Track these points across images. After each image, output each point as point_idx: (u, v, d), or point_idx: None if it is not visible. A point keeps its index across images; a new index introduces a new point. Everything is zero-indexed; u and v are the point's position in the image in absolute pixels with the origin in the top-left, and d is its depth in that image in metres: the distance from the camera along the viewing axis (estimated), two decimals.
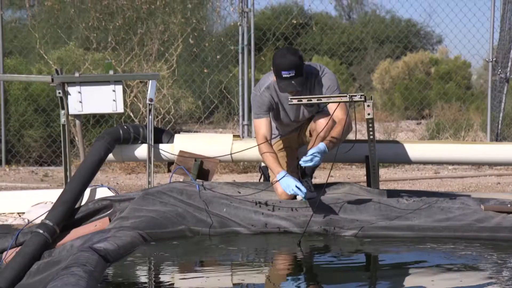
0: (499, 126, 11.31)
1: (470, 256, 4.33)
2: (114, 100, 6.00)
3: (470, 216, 5.01)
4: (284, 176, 4.97)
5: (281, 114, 5.36)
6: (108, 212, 5.28)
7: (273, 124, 5.44)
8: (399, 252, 4.63)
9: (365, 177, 5.79)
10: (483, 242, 4.69)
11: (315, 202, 5.07)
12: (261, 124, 5.23)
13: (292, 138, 5.54)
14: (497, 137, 11.26)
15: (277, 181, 5.20)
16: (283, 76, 5.01)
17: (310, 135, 5.32)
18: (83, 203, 5.56)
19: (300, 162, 4.94)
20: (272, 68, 5.15)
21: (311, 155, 4.87)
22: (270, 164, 5.16)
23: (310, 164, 4.89)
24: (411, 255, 4.57)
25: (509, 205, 5.14)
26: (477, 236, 4.78)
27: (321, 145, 4.92)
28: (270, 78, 5.27)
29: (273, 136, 5.45)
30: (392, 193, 5.42)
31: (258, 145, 5.22)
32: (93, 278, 3.43)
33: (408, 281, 3.97)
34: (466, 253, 4.39)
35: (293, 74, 5.00)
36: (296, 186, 4.91)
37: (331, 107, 5.11)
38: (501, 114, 11.35)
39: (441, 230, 4.84)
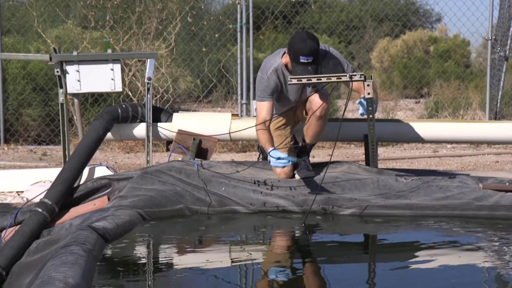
0: (498, 104, 11.31)
1: (468, 234, 4.34)
2: (112, 79, 5.99)
3: (469, 194, 5.02)
4: (271, 151, 4.93)
5: (284, 96, 5.33)
6: (107, 191, 5.28)
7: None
8: (398, 230, 4.64)
9: (364, 156, 5.79)
10: (481, 220, 4.70)
11: (313, 181, 5.08)
12: (264, 107, 5.19)
13: (288, 117, 5.52)
14: (496, 116, 11.26)
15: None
16: (301, 61, 4.95)
17: (307, 113, 5.30)
18: (81, 182, 5.56)
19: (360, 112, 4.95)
20: (288, 51, 5.07)
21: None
22: (262, 142, 5.14)
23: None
24: (409, 233, 4.58)
25: (507, 184, 5.14)
26: (476, 215, 4.79)
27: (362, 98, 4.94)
28: (277, 60, 5.21)
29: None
30: (391, 172, 5.43)
31: (256, 126, 5.20)
32: (92, 256, 3.44)
33: (407, 258, 3.97)
34: (464, 231, 4.40)
35: (311, 60, 4.95)
36: (282, 163, 4.88)
37: (358, 86, 5.06)
38: (500, 93, 11.34)
39: (439, 208, 4.85)
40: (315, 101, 5.13)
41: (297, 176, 5.21)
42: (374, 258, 4.15)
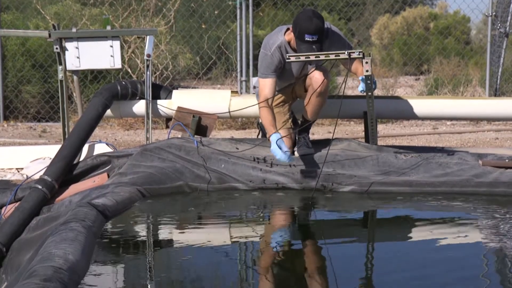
0: (498, 81, 11.30)
1: (467, 210, 4.35)
2: (111, 56, 5.97)
3: (468, 171, 5.02)
4: (277, 140, 4.90)
5: (286, 74, 5.32)
6: (107, 168, 5.28)
7: None
8: (397, 206, 4.65)
9: (363, 133, 5.79)
10: (481, 197, 4.71)
11: (312, 158, 5.09)
12: (266, 84, 5.16)
13: (287, 94, 5.51)
14: (496, 92, 11.25)
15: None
16: (306, 39, 4.92)
17: (306, 90, 5.29)
18: (81, 159, 5.56)
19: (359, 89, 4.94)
20: (293, 29, 5.04)
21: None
22: (265, 124, 5.13)
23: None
24: (409, 210, 4.59)
25: (507, 160, 5.14)
26: (475, 191, 4.80)
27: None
28: (280, 37, 5.19)
29: None
30: (390, 149, 5.43)
31: (259, 104, 5.18)
32: (91, 233, 3.45)
33: (406, 234, 3.99)
34: (463, 207, 4.41)
35: (316, 39, 4.92)
36: (284, 153, 4.84)
37: (355, 67, 5.06)
38: (500, 69, 11.32)
39: (439, 185, 4.85)
40: (315, 77, 5.12)
41: (296, 154, 5.21)
42: (373, 234, 4.16)
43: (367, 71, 4.91)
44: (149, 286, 3.01)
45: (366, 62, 4.88)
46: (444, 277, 3.10)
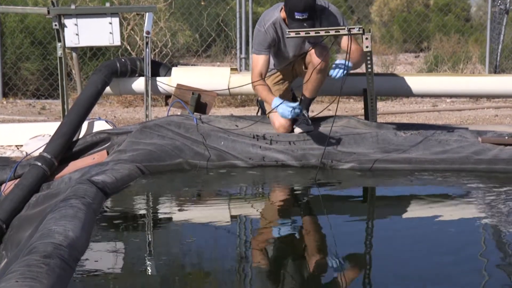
0: (498, 58, 11.27)
1: (466, 187, 4.35)
2: (110, 33, 5.96)
3: (468, 148, 5.02)
4: (279, 104, 4.93)
5: (282, 51, 5.31)
6: (106, 145, 5.28)
7: (271, 61, 5.38)
8: (397, 184, 4.66)
9: (363, 110, 5.78)
10: (480, 174, 4.71)
11: (312, 135, 5.09)
12: (259, 61, 5.18)
13: (286, 71, 5.50)
14: (496, 69, 11.23)
15: (274, 112, 5.19)
16: (296, 17, 4.90)
17: (306, 67, 5.28)
18: (80, 136, 5.56)
19: (330, 73, 4.89)
20: (284, 7, 5.02)
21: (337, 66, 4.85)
22: (263, 96, 5.14)
23: (337, 74, 4.84)
24: (408, 187, 4.59)
25: (506, 137, 5.14)
26: (474, 168, 4.80)
27: (343, 61, 4.88)
28: (275, 14, 5.17)
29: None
30: (390, 126, 5.42)
31: (252, 81, 5.19)
32: (91, 210, 3.45)
33: (405, 211, 4.00)
34: (463, 184, 4.42)
35: (306, 17, 4.90)
36: (292, 108, 4.88)
37: (343, 42, 5.04)
38: (500, 46, 11.29)
39: (438, 162, 4.85)
40: (315, 55, 5.10)
41: (296, 131, 5.20)
42: (373, 211, 4.17)
43: (367, 47, 4.90)
44: (148, 263, 3.02)
45: (366, 38, 4.87)
46: (441, 252, 3.11)
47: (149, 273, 2.89)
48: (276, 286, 2.74)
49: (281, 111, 4.93)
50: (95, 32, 5.96)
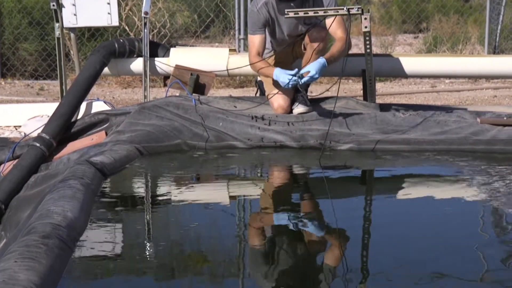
0: (497, 38, 11.26)
1: (465, 168, 4.35)
2: (109, 13, 5.94)
3: (466, 129, 5.02)
4: (279, 73, 4.95)
5: (277, 31, 5.30)
6: (104, 126, 5.28)
7: (268, 39, 5.38)
8: (395, 165, 4.66)
9: (362, 91, 5.78)
10: (478, 154, 4.71)
11: (310, 116, 5.09)
12: (255, 41, 5.20)
13: (286, 53, 5.49)
14: (495, 50, 11.22)
15: (273, 96, 5.19)
16: None
17: (305, 48, 5.27)
18: (79, 117, 5.56)
19: (300, 79, 4.89)
20: None
21: (308, 68, 4.87)
22: (263, 71, 5.13)
23: (308, 79, 4.86)
24: (406, 168, 4.60)
25: (505, 118, 5.14)
26: (473, 149, 4.80)
27: (321, 60, 4.90)
28: None
29: (266, 51, 5.41)
30: (389, 107, 5.42)
31: (250, 62, 5.20)
32: (90, 191, 3.45)
33: (404, 191, 4.00)
34: (461, 165, 4.42)
35: None
36: (291, 76, 4.89)
37: (328, 24, 5.07)
38: (499, 27, 11.28)
39: (437, 143, 4.85)
40: (314, 35, 5.10)
41: (295, 112, 5.20)
42: (371, 190, 4.18)
43: (366, 27, 4.90)
44: (147, 243, 3.02)
45: (365, 18, 4.87)
46: (440, 234, 3.12)
47: (148, 254, 2.89)
48: (275, 267, 2.75)
49: (281, 80, 4.93)
50: (93, 12, 5.94)
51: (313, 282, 2.57)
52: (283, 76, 4.92)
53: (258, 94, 5.92)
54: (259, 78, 5.78)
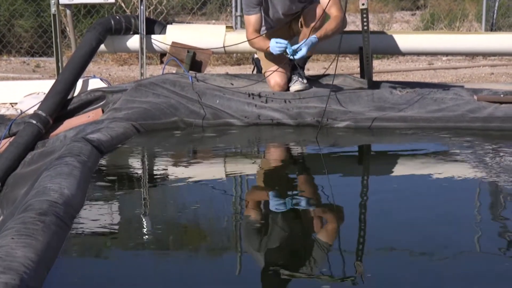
0: (494, 16, 11.23)
1: (461, 145, 4.35)
2: None
3: (463, 106, 5.02)
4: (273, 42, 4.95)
5: (271, 10, 5.28)
6: (101, 103, 5.27)
7: (265, 18, 5.36)
8: (392, 142, 4.67)
9: (359, 68, 5.77)
10: (475, 132, 4.72)
11: (307, 94, 5.08)
12: (251, 20, 5.18)
13: (283, 31, 5.47)
14: (492, 27, 11.20)
15: (270, 73, 5.18)
16: None
17: (301, 26, 5.26)
18: (75, 94, 5.54)
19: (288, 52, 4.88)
20: None
21: (298, 45, 4.86)
22: (261, 45, 5.11)
23: (296, 56, 4.85)
24: (403, 145, 4.61)
25: (502, 95, 5.14)
26: (470, 126, 4.80)
27: (313, 38, 4.89)
28: None
29: (263, 28, 5.39)
30: (386, 85, 5.42)
31: (248, 38, 5.19)
32: (86, 168, 3.45)
33: (400, 168, 4.01)
34: (458, 143, 4.42)
35: None
36: (281, 43, 4.89)
37: (323, 2, 5.05)
38: (496, 4, 11.25)
39: (433, 120, 4.86)
40: (309, 14, 5.09)
41: (291, 89, 5.19)
42: (367, 167, 4.19)
43: (363, 4, 4.89)
44: (144, 220, 3.03)
45: None
46: (436, 210, 3.13)
47: (145, 231, 2.90)
48: (271, 242, 2.76)
49: (271, 46, 4.92)
50: None
51: (309, 257, 2.58)
52: (273, 44, 4.91)
53: (255, 72, 5.91)
54: (256, 56, 5.76)
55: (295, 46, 4.87)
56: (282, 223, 3.01)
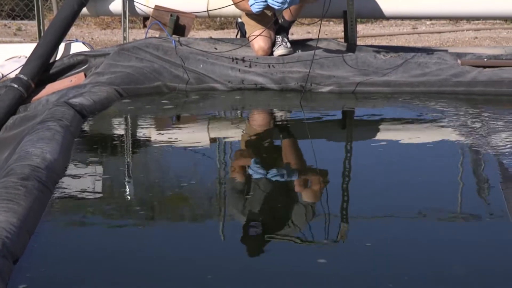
0: None
1: (444, 110, 4.36)
2: None
3: (447, 71, 5.02)
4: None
5: None
6: (83, 67, 5.23)
7: None
8: (376, 106, 4.66)
9: (343, 33, 5.74)
10: (459, 96, 4.73)
11: (291, 58, 5.06)
12: None
13: None
14: None
15: (254, 38, 5.15)
16: None
17: None
18: (57, 58, 5.50)
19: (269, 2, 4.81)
20: None
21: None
22: (244, 6, 5.04)
23: (285, 5, 4.78)
24: (387, 110, 4.60)
25: (485, 59, 5.14)
26: (453, 91, 4.80)
27: None
28: None
29: None
30: (370, 49, 5.40)
31: (233, 2, 5.14)
32: (69, 132, 3.44)
33: (384, 134, 4.01)
34: (441, 107, 4.42)
35: None
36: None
37: None
38: None
39: (417, 85, 4.85)
40: None
41: (275, 53, 5.17)
42: (351, 134, 4.19)
43: None
44: (127, 185, 3.02)
45: None
46: (419, 177, 3.14)
47: (128, 196, 2.89)
48: (255, 206, 2.76)
49: (250, 4, 4.87)
50: None
51: (293, 221, 2.58)
52: (252, 1, 4.86)
53: (238, 36, 5.87)
54: (240, 20, 5.72)
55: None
56: (265, 187, 3.01)
